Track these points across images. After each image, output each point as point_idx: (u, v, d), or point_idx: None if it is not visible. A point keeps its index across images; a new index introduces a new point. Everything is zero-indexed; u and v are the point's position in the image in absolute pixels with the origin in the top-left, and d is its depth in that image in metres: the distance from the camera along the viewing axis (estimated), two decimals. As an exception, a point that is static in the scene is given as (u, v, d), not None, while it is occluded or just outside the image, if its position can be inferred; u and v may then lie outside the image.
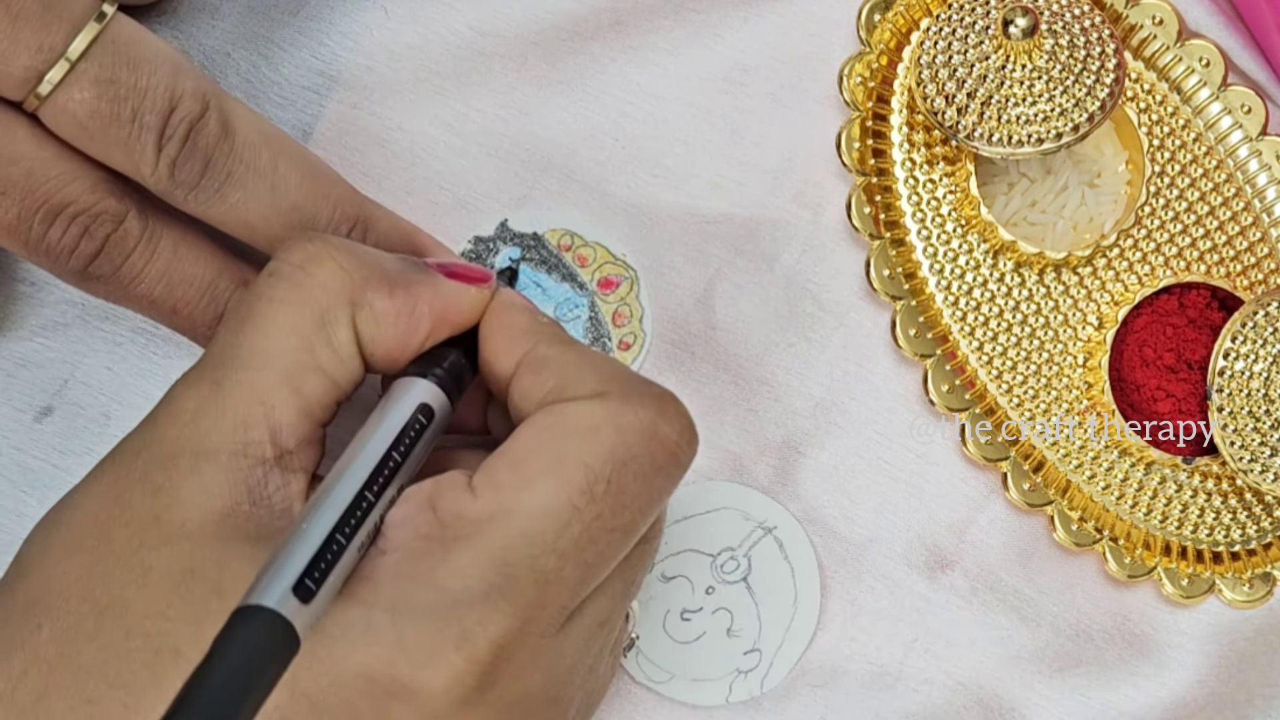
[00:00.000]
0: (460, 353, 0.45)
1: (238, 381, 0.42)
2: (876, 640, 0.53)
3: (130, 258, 0.48)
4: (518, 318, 0.45)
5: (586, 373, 0.43)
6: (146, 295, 0.48)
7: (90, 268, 0.47)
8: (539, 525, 0.40)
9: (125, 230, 0.47)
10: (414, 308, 0.44)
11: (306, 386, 0.42)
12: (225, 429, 0.42)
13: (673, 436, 0.42)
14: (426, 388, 0.44)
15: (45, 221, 0.46)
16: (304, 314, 0.43)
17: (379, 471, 0.41)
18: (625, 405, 0.42)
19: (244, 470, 0.41)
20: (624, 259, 0.54)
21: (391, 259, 0.45)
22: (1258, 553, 0.53)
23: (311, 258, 0.43)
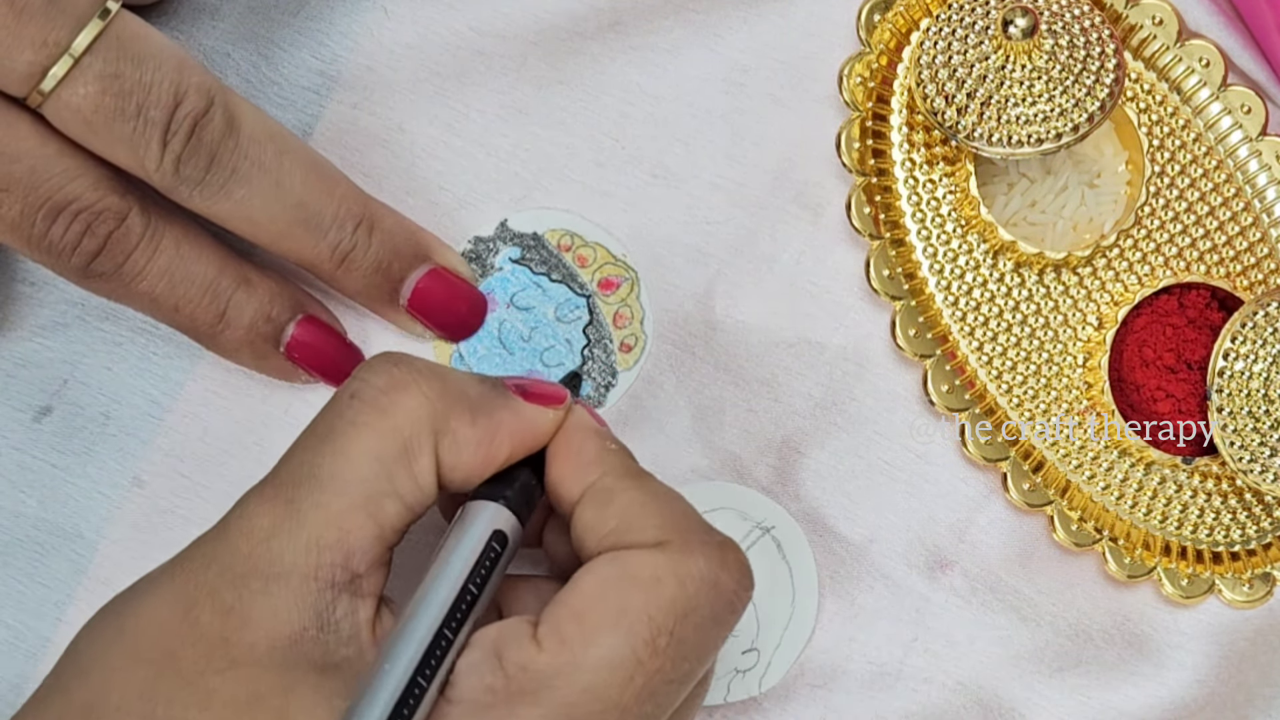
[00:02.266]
0: (530, 472, 0.45)
1: (315, 504, 0.42)
2: (876, 640, 0.53)
3: (132, 255, 0.47)
4: (587, 443, 0.45)
5: (650, 515, 0.43)
6: (148, 293, 0.48)
7: (92, 265, 0.47)
8: (603, 680, 0.40)
9: (128, 228, 0.47)
10: (495, 435, 0.44)
11: (383, 512, 0.42)
12: (299, 551, 0.41)
13: (731, 585, 0.43)
14: (499, 513, 0.44)
15: (48, 219, 0.46)
16: (387, 441, 0.42)
17: (456, 607, 0.41)
18: (687, 555, 0.42)
19: (314, 594, 0.41)
20: (624, 260, 0.54)
21: (472, 382, 0.44)
22: (1257, 553, 0.53)
23: (397, 384, 0.43)
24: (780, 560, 0.53)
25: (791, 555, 0.53)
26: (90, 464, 0.53)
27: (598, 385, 0.53)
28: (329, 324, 0.52)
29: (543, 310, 0.54)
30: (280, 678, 0.40)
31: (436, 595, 0.41)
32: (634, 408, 0.54)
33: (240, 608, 0.41)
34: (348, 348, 0.52)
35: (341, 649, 0.41)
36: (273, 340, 0.51)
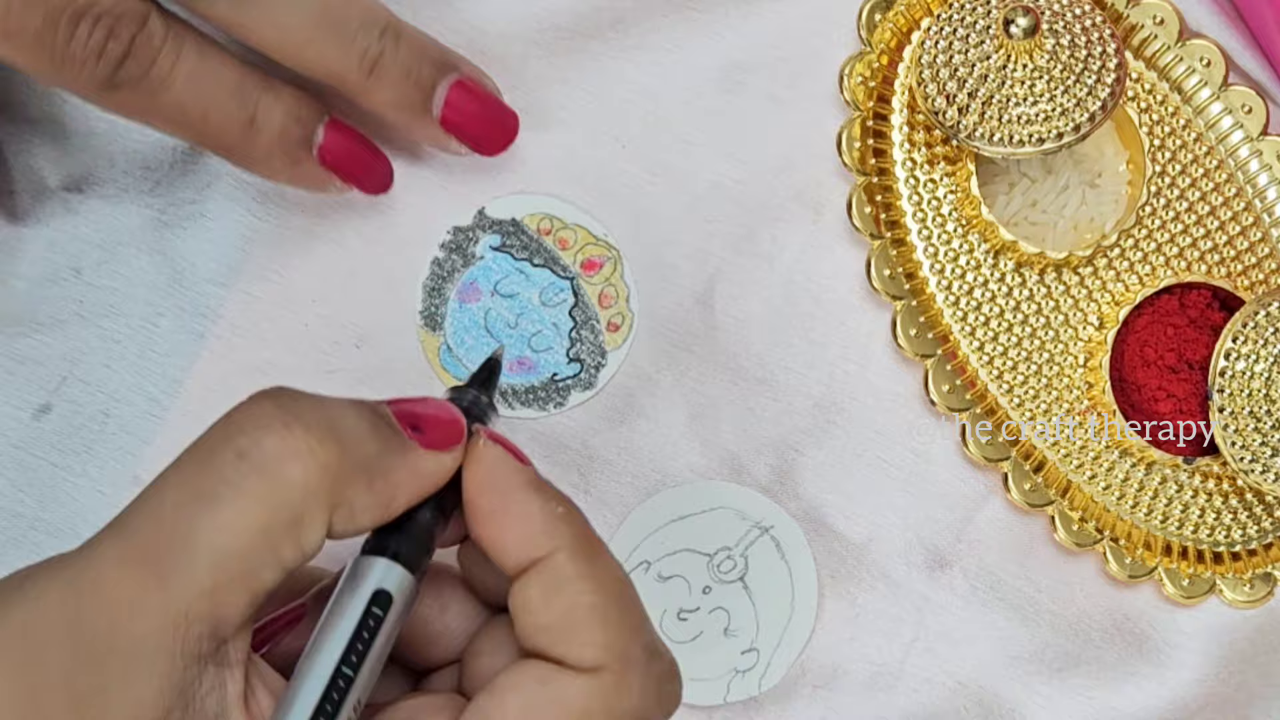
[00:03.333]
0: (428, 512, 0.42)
1: (189, 579, 0.37)
2: (876, 640, 0.53)
3: (158, 60, 0.46)
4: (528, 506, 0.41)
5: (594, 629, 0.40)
6: (176, 102, 0.47)
7: (119, 73, 0.46)
8: None
9: (150, 31, 0.46)
10: (392, 497, 0.40)
11: (259, 580, 0.38)
12: (165, 628, 0.37)
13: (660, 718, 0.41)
14: (384, 570, 0.40)
15: (71, 24, 0.45)
16: (276, 516, 0.38)
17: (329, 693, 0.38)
18: (622, 690, 0.40)
19: (179, 672, 0.37)
20: (606, 239, 0.54)
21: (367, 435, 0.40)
22: (1258, 553, 0.53)
23: (291, 453, 0.38)
24: (779, 560, 0.53)
25: (791, 555, 0.53)
26: (90, 463, 0.53)
27: (588, 366, 0.53)
28: (354, 128, 0.51)
29: (527, 296, 0.53)
30: None
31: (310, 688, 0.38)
32: (632, 406, 0.54)
33: (98, 700, 0.37)
34: (377, 151, 0.51)
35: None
36: (305, 144, 0.49)
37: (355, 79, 0.49)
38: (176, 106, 0.47)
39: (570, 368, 0.53)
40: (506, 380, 0.53)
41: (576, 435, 0.54)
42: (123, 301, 0.53)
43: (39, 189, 0.54)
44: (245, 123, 0.48)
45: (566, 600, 0.40)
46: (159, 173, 0.54)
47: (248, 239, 0.54)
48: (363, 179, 0.51)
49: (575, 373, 0.53)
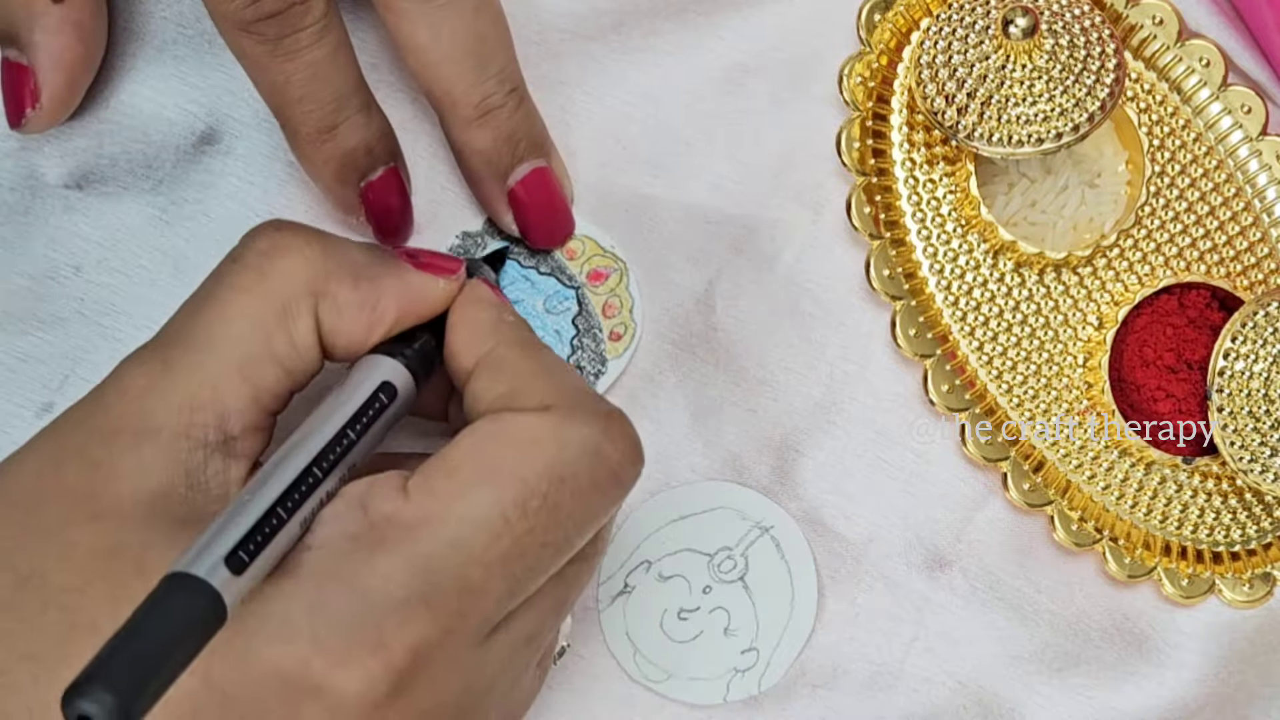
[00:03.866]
0: (431, 337, 0.45)
1: (189, 363, 0.42)
2: (876, 640, 0.53)
3: (299, 33, 0.47)
4: (482, 314, 0.45)
5: (538, 383, 0.43)
6: (289, 74, 0.48)
7: (259, 23, 0.47)
8: (468, 535, 0.40)
9: (310, 7, 0.47)
10: (377, 300, 0.44)
11: (259, 375, 0.42)
12: (171, 409, 0.41)
13: (615, 456, 0.42)
14: (391, 366, 0.44)
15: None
16: (265, 303, 0.42)
17: (330, 448, 0.41)
18: (569, 421, 0.42)
19: (185, 452, 0.41)
20: (613, 251, 0.54)
21: (359, 249, 0.45)
22: (1258, 553, 0.53)
23: (277, 246, 0.43)
24: (779, 560, 0.53)
25: (790, 555, 0.53)
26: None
27: (587, 374, 0.53)
28: (406, 186, 0.52)
29: (531, 302, 0.54)
30: (142, 531, 0.40)
31: (313, 436, 0.41)
32: (634, 406, 0.54)
33: (108, 463, 0.41)
34: (409, 213, 0.53)
35: (209, 506, 0.41)
36: (360, 173, 0.51)
37: (466, 114, 0.50)
38: (283, 78, 0.48)
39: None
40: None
41: (577, 437, 0.54)
42: (124, 300, 0.53)
43: (40, 187, 0.54)
44: (326, 127, 0.49)
45: (509, 374, 0.43)
46: (161, 171, 0.54)
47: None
48: (384, 227, 0.52)
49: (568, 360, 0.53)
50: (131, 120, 0.54)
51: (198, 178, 0.54)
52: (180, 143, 0.54)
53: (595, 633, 0.53)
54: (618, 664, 0.53)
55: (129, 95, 0.54)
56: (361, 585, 0.39)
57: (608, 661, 0.53)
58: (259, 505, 0.39)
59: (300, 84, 0.48)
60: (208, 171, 0.54)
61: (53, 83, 0.51)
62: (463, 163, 0.52)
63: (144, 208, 0.54)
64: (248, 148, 0.54)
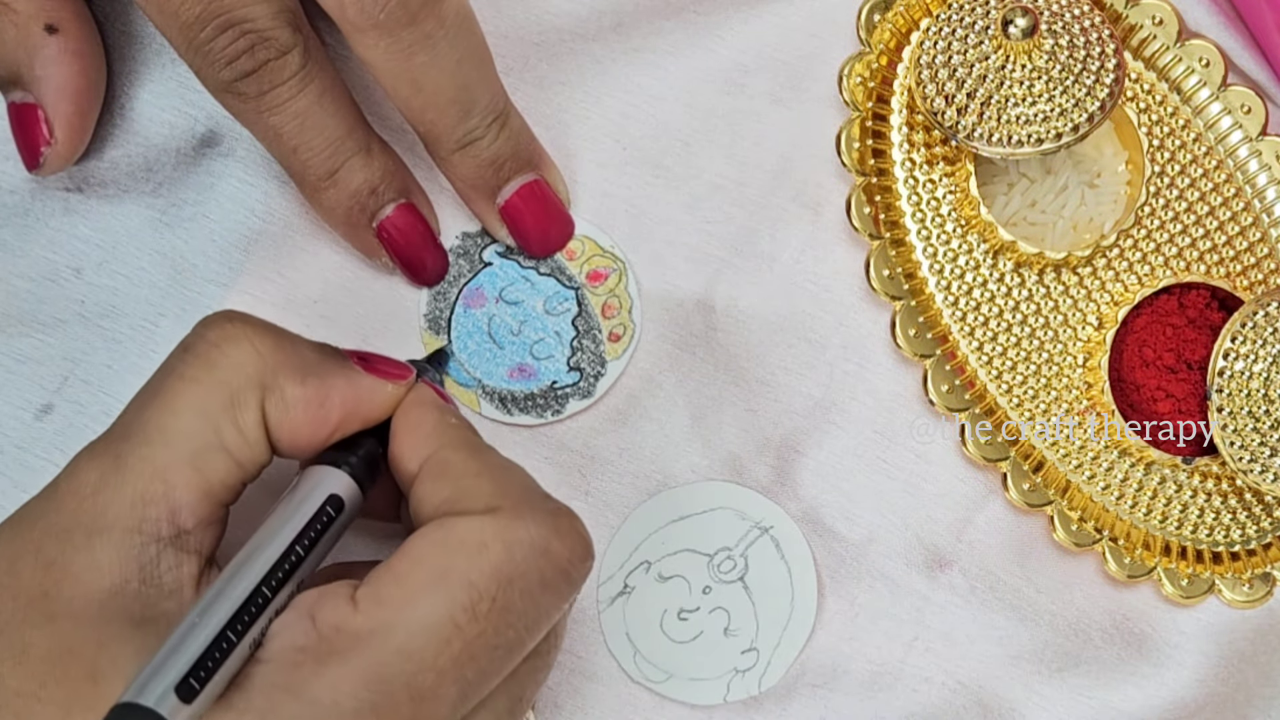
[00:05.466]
0: (375, 442, 0.45)
1: (140, 457, 0.42)
2: (876, 639, 0.53)
3: (279, 88, 0.48)
4: (426, 416, 0.45)
5: (483, 484, 0.43)
6: (276, 127, 0.49)
7: (238, 83, 0.48)
8: (418, 642, 0.40)
9: (286, 61, 0.48)
10: (325, 398, 0.44)
11: (209, 467, 0.42)
12: (123, 504, 0.41)
13: (564, 554, 0.42)
14: (337, 477, 0.44)
15: (218, 30, 0.47)
16: (213, 394, 0.42)
17: (279, 566, 0.41)
18: (516, 521, 0.41)
19: (137, 548, 0.41)
20: (612, 251, 0.54)
21: (311, 347, 0.45)
22: (1257, 553, 0.53)
23: (228, 337, 0.43)
24: (779, 560, 0.53)
25: (790, 555, 0.53)
26: (93, 463, 0.53)
27: (587, 375, 0.53)
28: (425, 218, 0.53)
29: (531, 304, 0.54)
30: (95, 631, 0.40)
31: (260, 554, 0.41)
32: (633, 407, 0.54)
33: (61, 561, 0.41)
34: (435, 245, 0.53)
35: (163, 603, 0.41)
36: (369, 214, 0.51)
37: (447, 149, 0.51)
38: (274, 131, 0.49)
39: (570, 376, 0.53)
40: (507, 387, 0.53)
41: (578, 436, 0.54)
42: (124, 302, 0.54)
43: (39, 189, 0.54)
44: (326, 173, 0.50)
45: (453, 476, 0.43)
46: (161, 174, 0.54)
47: (250, 240, 0.54)
48: (412, 267, 0.53)
49: (574, 381, 0.53)
50: (131, 123, 0.54)
51: (198, 180, 0.54)
52: (180, 145, 0.54)
53: (595, 633, 0.53)
54: (618, 664, 0.53)
55: (129, 98, 0.54)
56: (311, 696, 0.39)
57: (608, 662, 0.53)
58: (208, 629, 0.39)
59: (291, 134, 0.49)
60: (208, 174, 0.54)
61: (63, 113, 0.51)
62: (451, 183, 0.53)
63: (144, 210, 0.54)
64: (248, 150, 0.54)
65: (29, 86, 0.51)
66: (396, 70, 0.48)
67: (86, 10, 0.52)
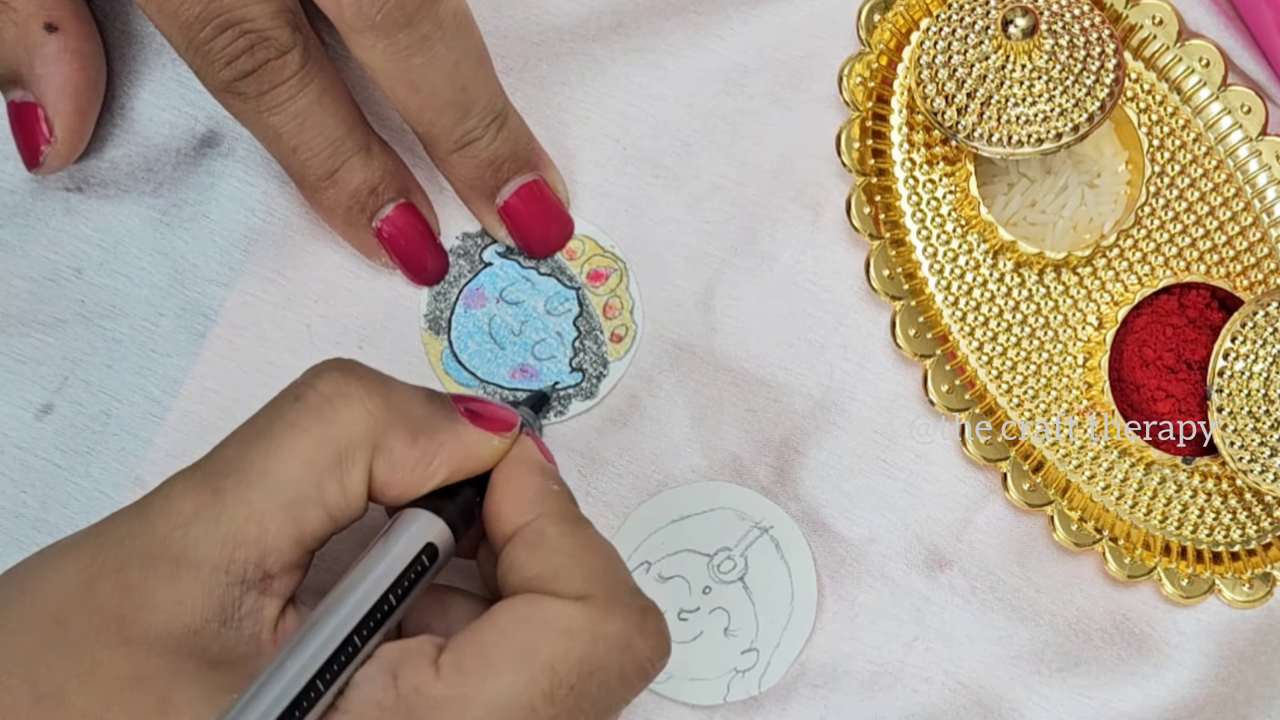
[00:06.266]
0: (473, 490, 0.45)
1: (240, 498, 0.41)
2: (876, 639, 0.53)
3: (278, 88, 0.48)
4: (529, 480, 0.45)
5: (578, 567, 0.42)
6: (276, 127, 0.49)
7: (238, 83, 0.48)
8: (494, 718, 0.40)
9: (285, 61, 0.48)
10: (433, 458, 0.44)
11: (306, 518, 0.42)
12: (215, 541, 0.41)
13: (646, 653, 0.42)
14: (435, 525, 0.43)
15: (217, 29, 0.47)
16: (322, 449, 0.42)
17: (371, 615, 0.41)
18: (606, 615, 0.42)
19: (222, 588, 0.41)
20: (613, 251, 0.54)
21: (419, 400, 0.44)
22: (1257, 553, 0.53)
23: (341, 394, 0.43)
24: (779, 560, 0.53)
25: (790, 555, 0.53)
26: (92, 464, 0.53)
27: (589, 376, 0.53)
28: (425, 218, 0.53)
29: (532, 304, 0.54)
30: (169, 663, 0.39)
31: (351, 599, 0.41)
32: (633, 407, 0.54)
33: (143, 588, 0.40)
34: (434, 246, 0.53)
35: (240, 646, 0.41)
36: (369, 213, 0.52)
37: (445, 149, 0.51)
38: (273, 131, 0.49)
39: (572, 377, 0.53)
40: (509, 387, 0.53)
41: (579, 437, 0.54)
42: (124, 302, 0.54)
43: (40, 189, 0.54)
44: (326, 173, 0.50)
45: (549, 551, 0.43)
46: (161, 174, 0.54)
47: (250, 240, 0.54)
48: (412, 267, 0.53)
49: (577, 382, 0.53)
50: (132, 123, 0.54)
51: (198, 180, 0.54)
52: (181, 145, 0.54)
53: (595, 633, 0.53)
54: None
55: (129, 98, 0.54)
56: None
57: (608, 662, 0.53)
58: (298, 676, 0.39)
59: (291, 134, 0.49)
60: (208, 174, 0.54)
61: (63, 113, 0.51)
62: (450, 184, 0.53)
63: (144, 210, 0.54)
64: (248, 150, 0.54)
65: (29, 85, 0.51)
66: (394, 71, 0.48)
67: (86, 9, 0.52)
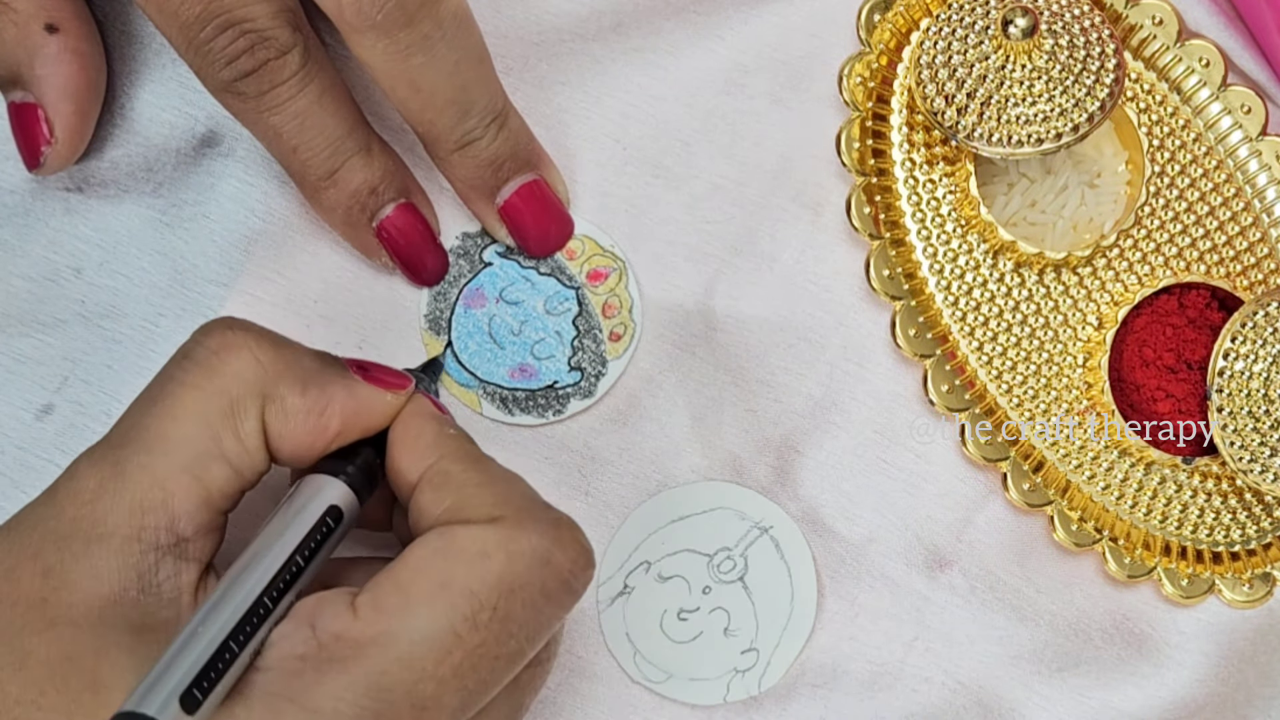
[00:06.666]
0: (373, 451, 0.45)
1: (140, 465, 0.42)
2: (876, 639, 0.53)
3: (278, 88, 0.48)
4: (425, 427, 0.45)
5: (485, 494, 0.43)
6: (276, 127, 0.49)
7: (238, 83, 0.48)
8: (419, 651, 0.40)
9: (285, 61, 0.48)
10: (324, 407, 0.44)
11: (209, 475, 0.42)
12: (122, 512, 0.41)
13: (566, 564, 0.42)
14: (337, 488, 0.44)
15: (218, 29, 0.47)
16: (213, 402, 0.42)
17: (280, 577, 0.41)
18: (518, 531, 0.42)
19: (136, 556, 0.41)
20: (612, 250, 0.54)
21: (310, 355, 0.45)
22: (1257, 553, 0.53)
23: (228, 345, 0.43)
24: (778, 560, 0.53)
25: (790, 555, 0.53)
26: (93, 463, 0.53)
27: (588, 375, 0.53)
28: (425, 218, 0.53)
29: (532, 304, 0.54)
30: (95, 639, 0.40)
31: (260, 563, 0.41)
32: (633, 407, 0.54)
33: (60, 569, 0.41)
34: (434, 246, 0.53)
35: (161, 611, 0.41)
36: (369, 213, 0.52)
37: (446, 149, 0.51)
38: (274, 131, 0.49)
39: (571, 376, 0.53)
40: (508, 386, 0.53)
41: (579, 437, 0.54)
42: (124, 302, 0.54)
43: (40, 189, 0.54)
44: (326, 173, 0.50)
45: (454, 487, 0.43)
46: (161, 174, 0.54)
47: (250, 240, 0.54)
48: (411, 267, 0.53)
49: (575, 381, 0.53)
50: (131, 123, 0.54)
51: (198, 180, 0.54)
52: (181, 145, 0.54)
53: (595, 634, 0.53)
54: (618, 665, 0.53)
55: (129, 98, 0.54)
56: (313, 705, 0.39)
57: (608, 662, 0.53)
58: (210, 638, 0.39)
59: (291, 134, 0.49)
60: (208, 174, 0.54)
61: (63, 113, 0.51)
62: (450, 184, 0.53)
63: (144, 210, 0.54)
64: (248, 150, 0.54)
65: (29, 86, 0.51)
66: (394, 71, 0.48)
67: (86, 10, 0.52)
